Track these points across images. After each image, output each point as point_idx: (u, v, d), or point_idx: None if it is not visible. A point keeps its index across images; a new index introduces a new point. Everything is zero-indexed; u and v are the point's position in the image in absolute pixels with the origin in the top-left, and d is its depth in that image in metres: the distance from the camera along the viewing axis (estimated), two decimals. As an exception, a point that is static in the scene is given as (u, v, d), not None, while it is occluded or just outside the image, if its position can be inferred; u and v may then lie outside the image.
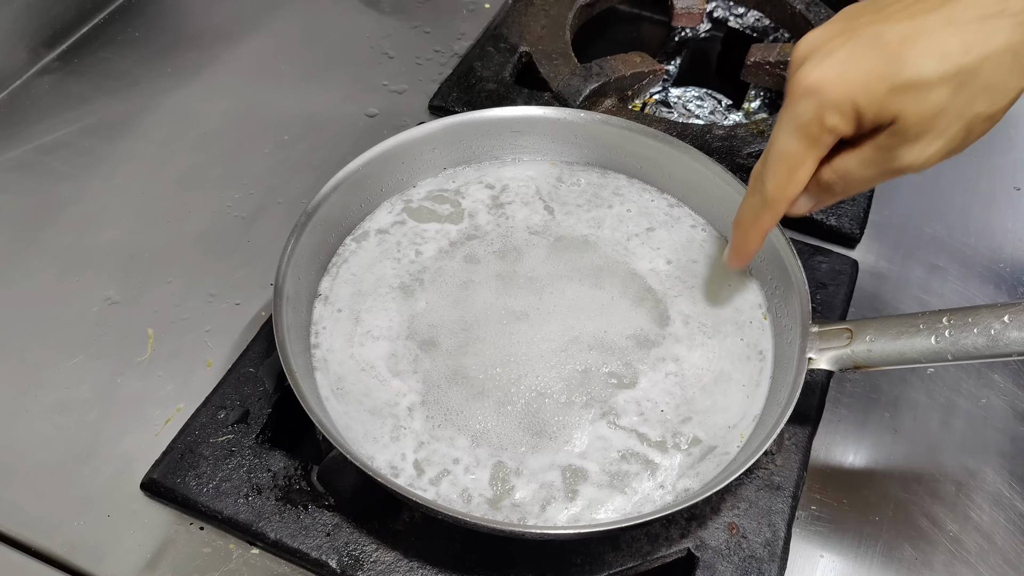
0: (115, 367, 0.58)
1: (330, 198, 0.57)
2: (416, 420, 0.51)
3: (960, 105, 0.42)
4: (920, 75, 0.41)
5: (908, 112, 0.42)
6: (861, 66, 0.42)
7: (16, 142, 0.72)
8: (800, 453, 0.54)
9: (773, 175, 0.46)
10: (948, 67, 0.41)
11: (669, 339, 0.56)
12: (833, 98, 0.43)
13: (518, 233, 0.61)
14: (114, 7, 0.85)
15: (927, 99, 0.42)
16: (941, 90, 0.41)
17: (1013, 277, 0.65)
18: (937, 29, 0.41)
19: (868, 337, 0.50)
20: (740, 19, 0.85)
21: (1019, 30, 0.41)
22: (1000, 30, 0.41)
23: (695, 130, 0.71)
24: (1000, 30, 0.41)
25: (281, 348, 0.49)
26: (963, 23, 0.41)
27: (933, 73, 0.41)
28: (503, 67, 0.77)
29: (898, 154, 0.44)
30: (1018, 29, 0.41)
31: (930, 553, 0.52)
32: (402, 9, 0.86)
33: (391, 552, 0.49)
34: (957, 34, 0.41)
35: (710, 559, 0.49)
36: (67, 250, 0.65)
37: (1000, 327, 0.46)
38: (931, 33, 0.41)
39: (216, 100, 0.77)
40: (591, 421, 0.52)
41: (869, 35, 0.43)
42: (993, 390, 0.58)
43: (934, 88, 0.41)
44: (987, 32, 0.41)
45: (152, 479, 0.52)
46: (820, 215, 0.66)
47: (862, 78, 0.42)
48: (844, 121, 0.43)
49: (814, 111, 0.43)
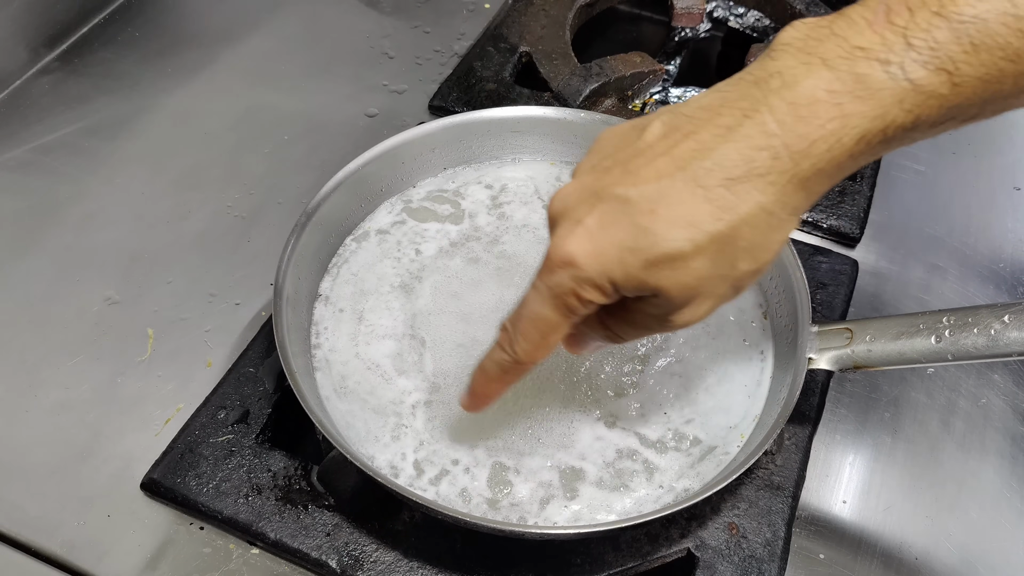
0: (115, 367, 0.58)
1: (330, 198, 0.57)
2: (418, 419, 0.51)
3: (722, 269, 0.40)
4: (674, 248, 0.39)
5: (668, 286, 0.40)
6: (613, 240, 0.39)
7: (16, 142, 0.72)
8: (800, 453, 0.54)
9: (525, 339, 0.43)
10: (701, 237, 0.38)
11: (672, 340, 0.55)
12: (588, 274, 0.40)
13: (517, 233, 0.61)
14: (114, 7, 0.85)
15: (686, 271, 0.39)
16: (698, 260, 0.39)
17: (1013, 277, 0.65)
18: (685, 195, 0.39)
19: (868, 337, 0.50)
20: (740, 19, 0.85)
21: (769, 190, 0.38)
22: (749, 192, 0.38)
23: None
24: (749, 192, 0.38)
25: (281, 348, 0.49)
26: (711, 187, 0.38)
27: (687, 245, 0.39)
28: (503, 67, 0.77)
29: (668, 320, 0.42)
30: (768, 189, 0.38)
31: (930, 553, 0.52)
32: (402, 9, 0.86)
33: (391, 552, 0.49)
34: (706, 200, 0.38)
35: (710, 559, 0.49)
36: (67, 250, 0.65)
37: (1000, 327, 0.46)
38: (679, 200, 0.39)
39: (216, 100, 0.77)
40: (592, 422, 0.52)
41: (618, 200, 0.40)
42: (993, 390, 0.58)
43: (690, 259, 0.39)
44: (737, 196, 0.38)
45: (152, 479, 0.52)
46: (820, 215, 0.66)
47: (616, 254, 0.39)
48: (601, 295, 0.41)
49: (570, 285, 0.40)
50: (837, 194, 0.67)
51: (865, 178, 0.69)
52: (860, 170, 0.69)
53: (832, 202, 0.67)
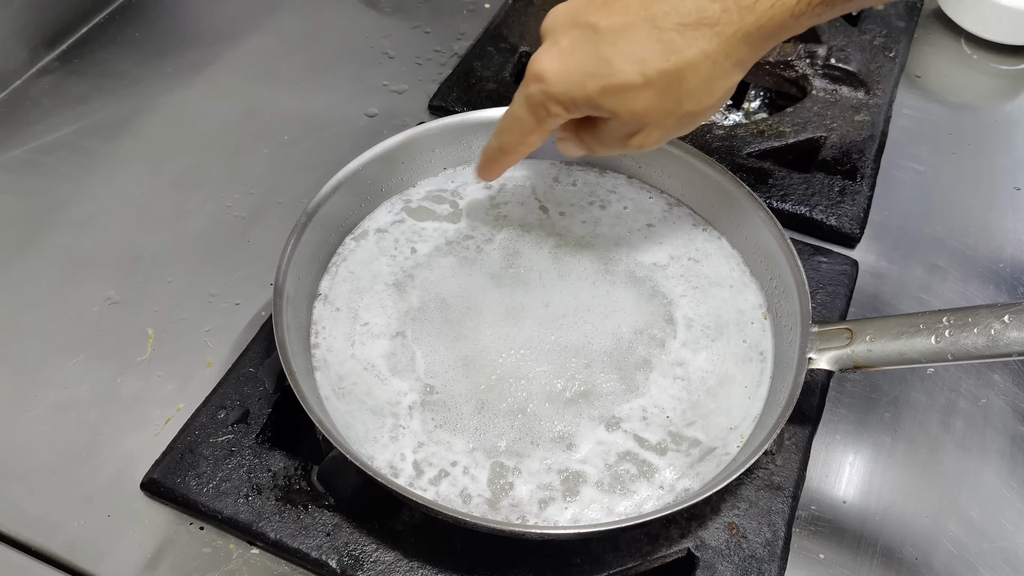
0: (115, 367, 0.58)
1: (330, 198, 0.57)
2: (416, 420, 0.51)
3: (667, 104, 0.46)
4: (626, 79, 0.45)
5: (620, 110, 0.46)
6: (578, 64, 0.46)
7: (16, 142, 0.72)
8: (800, 453, 0.54)
9: (507, 133, 0.51)
10: (650, 72, 0.44)
11: (673, 342, 0.55)
12: (554, 90, 0.46)
13: (515, 233, 0.61)
14: (114, 7, 0.85)
15: (635, 100, 0.45)
16: (646, 92, 0.45)
17: (1013, 277, 0.65)
18: (643, 33, 0.44)
19: (868, 337, 0.50)
20: (740, 19, 0.85)
21: (715, 40, 0.44)
22: (697, 39, 0.44)
23: (695, 130, 0.71)
24: (697, 39, 0.44)
25: (281, 348, 0.49)
26: (665, 29, 0.44)
27: (637, 78, 0.44)
28: (503, 67, 0.77)
29: (624, 139, 0.48)
30: (714, 39, 0.44)
31: (930, 553, 0.52)
32: (402, 9, 0.86)
33: (391, 552, 0.49)
34: (659, 40, 0.44)
35: (710, 559, 0.49)
36: (67, 250, 0.65)
37: (1000, 327, 0.46)
38: (636, 37, 0.44)
39: (216, 100, 0.77)
40: (593, 424, 0.52)
41: (589, 28, 0.46)
42: (993, 390, 0.58)
43: (640, 90, 0.45)
44: (686, 41, 0.44)
45: (152, 479, 0.52)
46: (820, 215, 0.66)
47: (578, 77, 0.46)
48: (564, 110, 0.47)
49: (539, 97, 0.47)
50: (837, 194, 0.67)
51: (865, 178, 0.69)
52: (860, 170, 0.69)
53: (832, 202, 0.67)
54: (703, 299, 0.58)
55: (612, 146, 0.50)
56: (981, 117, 0.76)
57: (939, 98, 0.78)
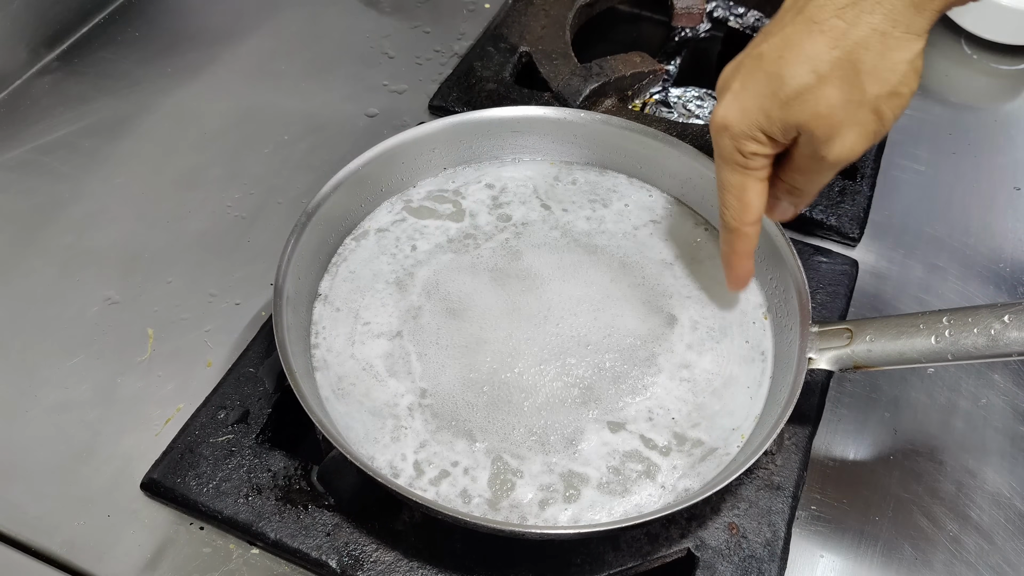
0: (115, 367, 0.58)
1: (330, 198, 0.57)
2: (417, 420, 0.51)
3: (852, 94, 0.43)
4: (800, 83, 0.43)
5: (806, 119, 0.44)
6: (752, 93, 0.45)
7: (16, 142, 0.72)
8: (800, 453, 0.54)
9: (727, 207, 0.50)
10: (822, 66, 0.43)
11: (679, 343, 0.55)
12: (740, 129, 0.46)
13: (516, 231, 0.61)
14: (114, 7, 0.85)
15: (817, 101, 0.44)
16: (826, 89, 0.43)
17: (1013, 277, 0.65)
18: (802, 35, 0.44)
19: (868, 337, 0.50)
20: (740, 19, 0.85)
21: (878, 10, 0.43)
22: (859, 15, 0.43)
23: (695, 130, 0.71)
24: (859, 15, 0.43)
25: (281, 348, 0.49)
26: (824, 20, 0.43)
27: (811, 76, 0.43)
28: (503, 67, 0.77)
29: (823, 155, 0.45)
30: (877, 10, 0.43)
31: (930, 553, 0.52)
32: (402, 9, 0.86)
33: (391, 552, 0.49)
34: (821, 32, 0.43)
35: (710, 559, 0.49)
36: (67, 250, 0.65)
37: (1000, 327, 0.46)
38: (799, 41, 0.44)
39: (216, 100, 0.77)
40: (595, 424, 0.52)
41: (753, 59, 0.46)
42: (993, 390, 0.58)
43: (818, 89, 0.43)
44: (848, 22, 0.43)
45: (152, 479, 0.52)
46: (820, 215, 0.66)
47: (756, 103, 0.45)
48: (759, 145, 0.46)
49: (730, 144, 0.47)
50: (837, 194, 0.67)
51: (865, 178, 0.69)
52: (860, 170, 0.69)
53: (832, 202, 0.67)
54: (708, 300, 0.57)
55: (813, 168, 0.47)
56: (981, 117, 0.76)
57: (939, 98, 0.78)
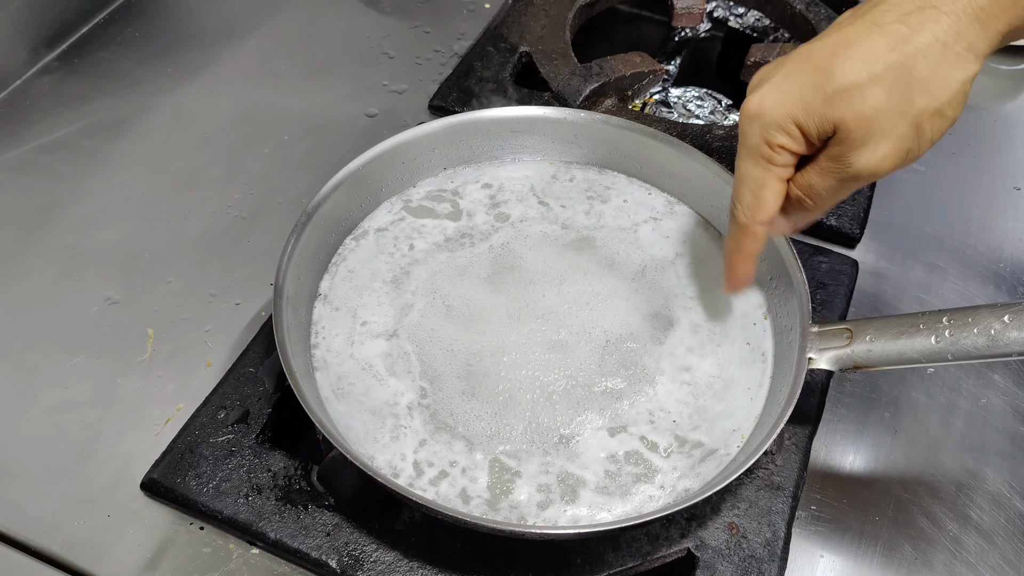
0: (115, 367, 0.58)
1: (330, 198, 0.57)
2: (416, 420, 0.51)
3: (898, 102, 0.42)
4: (850, 79, 0.42)
5: (846, 117, 0.42)
6: (795, 83, 0.43)
7: (16, 142, 0.72)
8: (800, 453, 0.54)
9: (740, 200, 0.47)
10: (876, 66, 0.42)
11: (678, 346, 0.55)
12: (774, 118, 0.44)
13: (515, 230, 0.61)
14: (114, 7, 0.85)
15: (862, 101, 0.42)
16: (874, 90, 0.42)
17: (1013, 277, 0.65)
18: (862, 35, 0.42)
19: (868, 337, 0.50)
20: (740, 19, 0.85)
21: (943, 20, 0.41)
22: (923, 22, 0.41)
23: (695, 130, 0.71)
24: (923, 22, 0.41)
25: (281, 348, 0.49)
26: (886, 24, 0.42)
27: (862, 74, 0.42)
28: (503, 67, 0.77)
29: (850, 160, 0.44)
30: (942, 19, 0.41)
31: (930, 553, 0.52)
32: (402, 9, 0.86)
33: (391, 552, 0.49)
34: (882, 35, 0.42)
35: (710, 559, 0.49)
36: (67, 250, 0.65)
37: (1000, 327, 0.46)
38: (857, 40, 0.42)
39: (216, 100, 0.77)
40: (595, 425, 0.52)
41: (801, 54, 0.44)
42: (993, 390, 0.58)
43: (866, 89, 0.42)
44: (911, 27, 0.41)
45: (152, 479, 0.52)
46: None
47: (797, 93, 0.43)
48: (790, 139, 0.44)
49: (760, 133, 0.45)
50: (837, 194, 0.67)
51: (865, 178, 0.69)
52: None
53: (832, 202, 0.67)
54: (708, 301, 0.57)
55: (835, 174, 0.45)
56: (981, 117, 0.76)
57: (939, 98, 0.78)
